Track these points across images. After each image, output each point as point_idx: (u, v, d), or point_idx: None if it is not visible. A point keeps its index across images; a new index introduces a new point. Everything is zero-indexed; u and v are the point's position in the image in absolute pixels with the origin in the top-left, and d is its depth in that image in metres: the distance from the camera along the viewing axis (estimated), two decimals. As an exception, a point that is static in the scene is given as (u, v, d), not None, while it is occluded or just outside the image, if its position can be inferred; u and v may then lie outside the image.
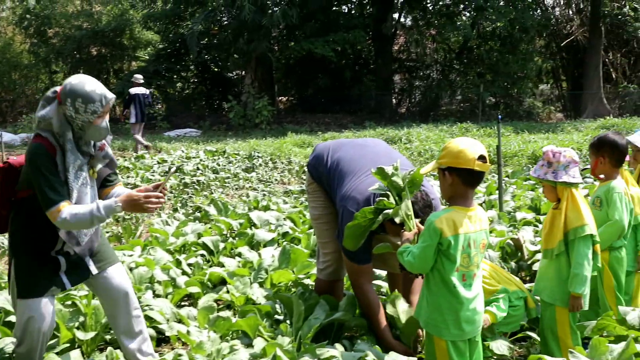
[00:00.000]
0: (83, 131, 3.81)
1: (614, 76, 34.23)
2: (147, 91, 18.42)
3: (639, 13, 31.22)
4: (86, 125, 3.78)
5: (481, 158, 3.58)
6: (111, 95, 3.86)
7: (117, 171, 4.29)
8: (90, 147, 3.93)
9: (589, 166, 5.29)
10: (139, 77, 18.60)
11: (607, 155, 4.84)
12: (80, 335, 4.58)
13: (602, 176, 4.95)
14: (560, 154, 4.21)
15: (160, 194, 3.81)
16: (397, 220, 3.83)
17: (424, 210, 4.07)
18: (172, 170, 4.16)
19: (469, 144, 3.64)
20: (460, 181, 3.63)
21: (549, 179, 4.23)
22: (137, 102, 17.75)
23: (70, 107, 3.72)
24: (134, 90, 17.88)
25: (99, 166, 4.03)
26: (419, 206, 4.15)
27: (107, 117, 3.89)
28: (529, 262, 6.29)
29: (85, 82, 3.77)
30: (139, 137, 18.18)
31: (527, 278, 6.22)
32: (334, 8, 32.09)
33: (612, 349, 3.95)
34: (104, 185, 4.15)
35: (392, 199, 3.89)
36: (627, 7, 30.34)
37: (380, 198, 3.90)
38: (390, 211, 3.83)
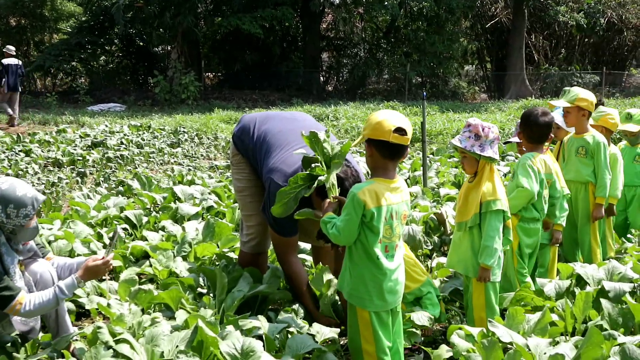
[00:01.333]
0: (14, 234, 3.84)
1: (536, 58, 34.99)
2: (19, 62, 18.79)
3: (560, -3, 31.93)
4: (17, 228, 3.81)
5: (398, 130, 3.56)
6: (42, 197, 3.89)
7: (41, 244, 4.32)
8: (20, 244, 3.96)
9: (513, 139, 5.41)
10: (11, 49, 18.98)
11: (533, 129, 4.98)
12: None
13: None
14: (489, 129, 4.25)
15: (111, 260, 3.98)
16: (327, 185, 3.83)
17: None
18: (116, 234, 4.10)
19: (388, 117, 3.63)
20: (378, 153, 3.64)
21: (475, 151, 4.25)
22: (10, 72, 18.13)
23: (1, 214, 3.74)
24: (6, 61, 18.16)
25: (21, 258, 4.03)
26: (349, 182, 4.16)
27: (36, 218, 3.92)
28: (451, 237, 6.39)
29: (16, 187, 3.78)
30: (6, 105, 18.29)
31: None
32: (262, -16, 31.77)
33: (528, 318, 4.08)
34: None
35: (322, 167, 3.87)
36: (549, -10, 30.99)
37: (316, 165, 3.87)
38: (323, 178, 3.81)
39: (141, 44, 35.26)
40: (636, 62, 41.13)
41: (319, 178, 3.82)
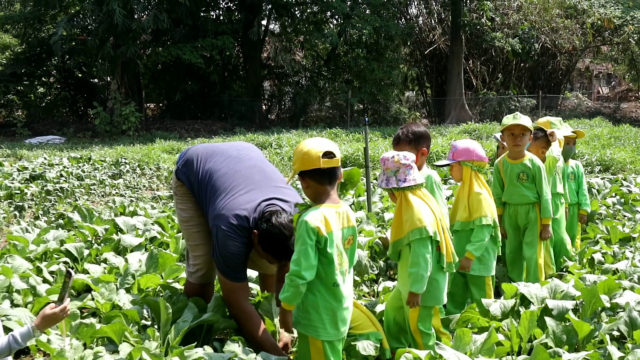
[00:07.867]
0: None
1: (474, 83, 35.66)
2: None
3: (495, 23, 32.69)
4: None
5: (326, 155, 3.58)
6: None
7: None
8: None
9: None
10: None
11: None
12: None
13: None
14: (388, 160, 4.20)
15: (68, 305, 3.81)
16: None
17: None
18: (72, 277, 3.90)
19: (313, 144, 3.64)
20: (314, 182, 3.65)
21: (381, 186, 4.27)
22: None
23: None
24: None
25: None
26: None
27: None
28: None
29: None
30: None
31: (396, 276, 6.33)
32: (202, 14, 31.68)
33: (475, 339, 4.09)
34: None
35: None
36: (485, 17, 31.67)
37: (300, 203, 3.87)
38: None
39: (80, 75, 34.83)
40: (570, 86, 42.28)
41: None
